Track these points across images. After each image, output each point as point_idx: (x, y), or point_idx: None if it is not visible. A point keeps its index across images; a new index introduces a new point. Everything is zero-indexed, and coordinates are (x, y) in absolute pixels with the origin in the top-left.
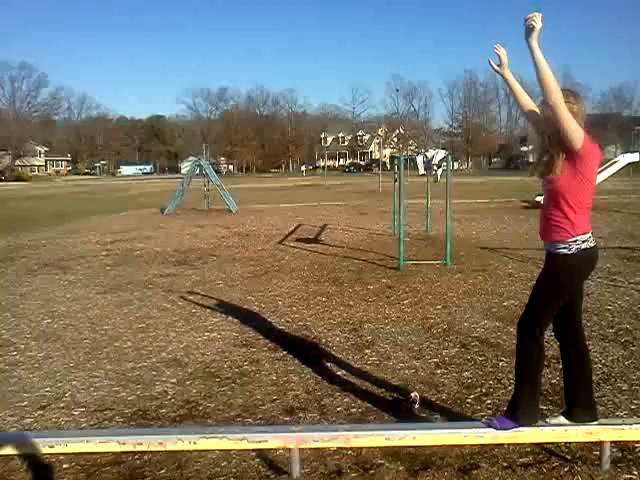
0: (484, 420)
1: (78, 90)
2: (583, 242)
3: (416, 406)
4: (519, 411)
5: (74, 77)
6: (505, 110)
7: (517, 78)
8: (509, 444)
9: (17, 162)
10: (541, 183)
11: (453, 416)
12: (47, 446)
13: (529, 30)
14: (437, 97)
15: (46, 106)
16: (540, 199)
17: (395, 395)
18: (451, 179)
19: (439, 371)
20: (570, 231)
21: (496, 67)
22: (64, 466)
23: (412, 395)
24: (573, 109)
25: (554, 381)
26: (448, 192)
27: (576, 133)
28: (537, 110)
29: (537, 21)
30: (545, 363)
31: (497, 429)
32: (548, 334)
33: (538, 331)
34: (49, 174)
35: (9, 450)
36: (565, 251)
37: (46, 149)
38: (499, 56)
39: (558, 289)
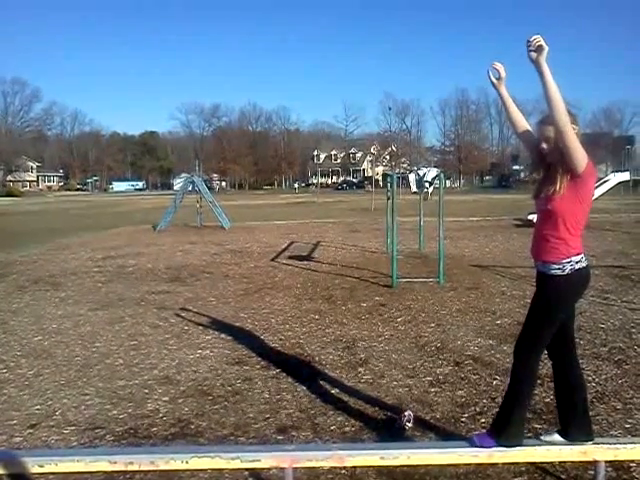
0: (469, 438)
1: (71, 105)
2: (577, 263)
3: (410, 425)
4: (506, 431)
5: (67, 93)
6: (497, 128)
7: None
8: (503, 463)
9: (9, 177)
10: (534, 202)
11: (447, 435)
12: (37, 465)
13: (539, 50)
14: (429, 115)
15: (39, 121)
16: (532, 217)
17: (389, 414)
18: (443, 197)
19: (433, 389)
20: (565, 252)
21: (494, 80)
22: None
23: (406, 414)
24: (575, 131)
25: (548, 400)
26: (441, 210)
27: (582, 155)
28: (530, 129)
29: (543, 42)
30: (539, 382)
31: (476, 446)
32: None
33: (534, 355)
34: (41, 189)
35: None
36: (559, 272)
37: (38, 164)
38: (498, 70)
39: (553, 311)
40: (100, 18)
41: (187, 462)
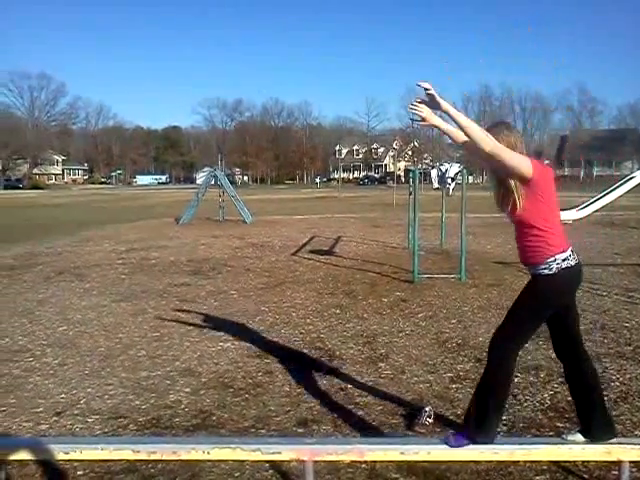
0: (442, 438)
1: (95, 100)
2: (563, 261)
3: (430, 421)
4: (482, 427)
5: (92, 87)
6: (520, 124)
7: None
8: (525, 462)
9: (35, 170)
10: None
11: None
12: (62, 452)
13: (433, 99)
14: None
15: (64, 115)
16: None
17: (409, 409)
18: (466, 193)
19: (454, 386)
20: (547, 252)
21: (423, 123)
22: (78, 473)
23: (426, 409)
24: (510, 141)
25: (570, 398)
26: (463, 206)
27: (523, 164)
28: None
29: (430, 87)
30: (561, 380)
31: (452, 446)
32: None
33: (514, 350)
34: (66, 182)
35: (25, 455)
36: (546, 271)
37: (63, 158)
38: (418, 112)
39: (539, 309)
40: (124, 13)
41: (208, 453)
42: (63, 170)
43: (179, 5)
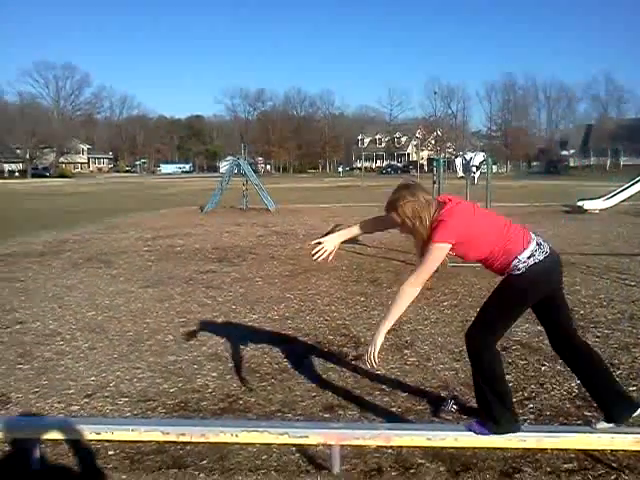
0: (465, 424)
1: (120, 90)
2: (529, 258)
3: (456, 408)
4: (495, 421)
5: (116, 77)
6: (545, 113)
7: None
8: (552, 449)
9: (61, 159)
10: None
11: None
12: (94, 433)
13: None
14: (475, 100)
15: (89, 105)
16: (582, 204)
17: (435, 396)
18: (490, 182)
19: None
20: (512, 260)
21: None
22: (109, 452)
23: (452, 397)
24: (414, 207)
25: None
26: (488, 195)
27: (442, 256)
28: (373, 221)
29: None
30: None
31: (477, 433)
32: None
33: (492, 341)
34: (91, 171)
35: (58, 435)
36: (516, 272)
37: (89, 147)
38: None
39: (510, 305)
40: (148, 3)
41: (237, 436)
42: (89, 159)
43: None
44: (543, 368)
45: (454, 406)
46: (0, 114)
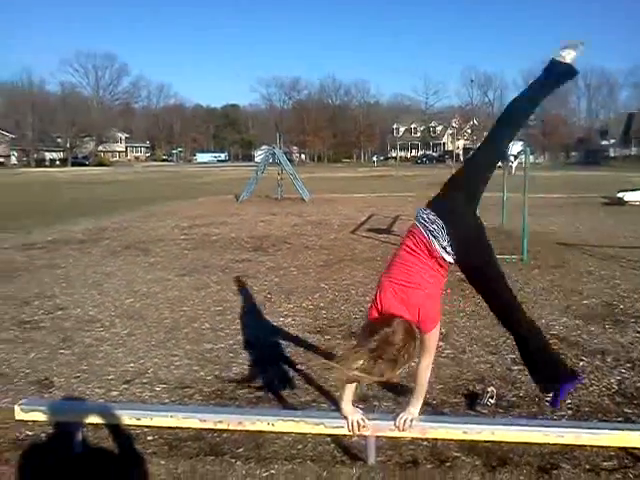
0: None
1: (157, 79)
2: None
3: (492, 401)
4: (565, 371)
5: (153, 67)
6: (584, 102)
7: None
8: (591, 446)
9: (100, 148)
10: None
11: (531, 415)
12: (134, 418)
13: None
14: (512, 88)
15: (127, 94)
16: (622, 195)
17: (470, 389)
18: (528, 172)
19: (516, 367)
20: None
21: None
22: (148, 438)
23: (489, 390)
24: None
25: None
26: (526, 185)
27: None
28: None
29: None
30: (629, 365)
31: (557, 406)
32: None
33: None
34: (129, 160)
35: (99, 419)
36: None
37: (126, 136)
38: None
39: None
40: None
41: (273, 424)
42: (126, 148)
43: None
44: (581, 363)
45: (490, 399)
46: (42, 104)
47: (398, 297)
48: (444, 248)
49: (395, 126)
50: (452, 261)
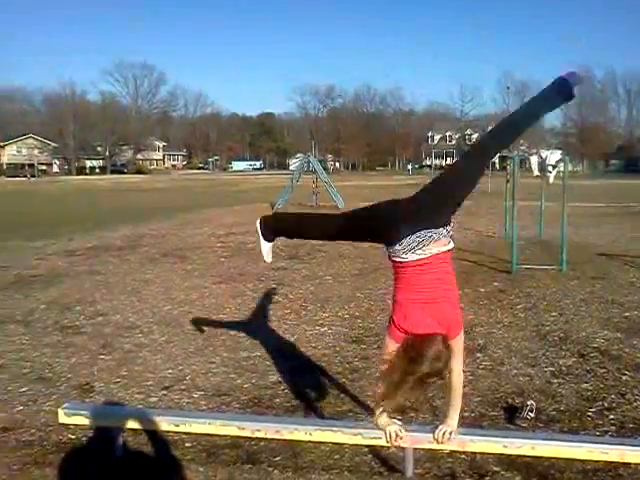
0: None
1: (194, 88)
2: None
3: (532, 415)
4: None
5: (191, 76)
6: (625, 109)
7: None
8: (637, 464)
9: (138, 156)
10: None
11: (572, 429)
12: (173, 424)
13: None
14: None
15: (165, 103)
16: None
17: (509, 402)
18: (567, 181)
19: (555, 381)
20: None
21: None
22: (187, 444)
23: (528, 403)
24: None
25: None
26: (564, 194)
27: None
28: None
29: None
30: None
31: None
32: None
33: None
34: (166, 168)
35: (139, 424)
36: None
37: (164, 144)
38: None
39: None
40: (220, 4)
41: (310, 434)
42: (164, 156)
43: None
44: (624, 377)
45: (530, 413)
46: (84, 113)
47: (426, 313)
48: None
49: (430, 134)
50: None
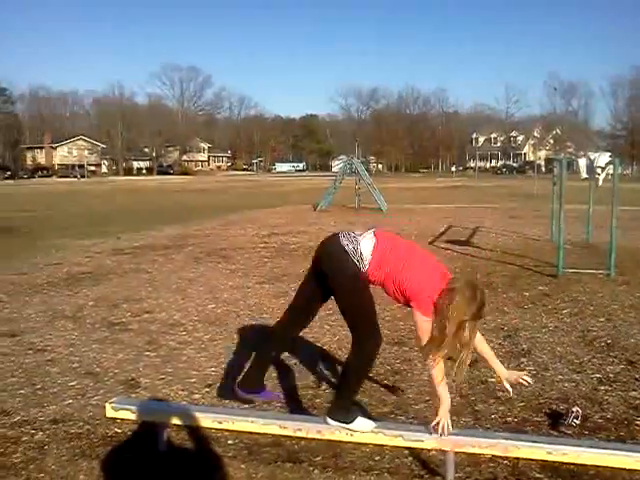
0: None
1: (238, 90)
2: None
3: (577, 422)
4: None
5: (236, 78)
6: None
7: None
8: None
9: (184, 157)
10: None
11: (619, 438)
12: (216, 421)
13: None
14: (599, 96)
15: (210, 105)
16: None
17: (554, 408)
18: (617, 184)
19: (602, 388)
20: None
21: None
22: (229, 442)
23: (574, 410)
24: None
25: None
26: (615, 197)
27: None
28: None
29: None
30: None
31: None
32: None
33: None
34: (211, 169)
35: (183, 421)
36: None
37: (209, 145)
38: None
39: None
40: (265, 7)
41: (352, 435)
42: (209, 157)
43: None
44: None
45: (575, 420)
46: (131, 115)
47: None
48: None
49: (474, 136)
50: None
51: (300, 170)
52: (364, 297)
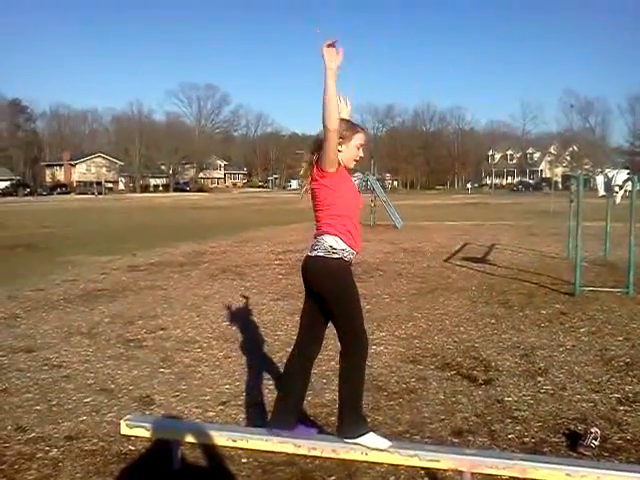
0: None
1: (255, 108)
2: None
3: (596, 443)
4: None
5: (252, 95)
6: None
7: None
8: None
9: (200, 174)
10: None
11: (639, 460)
12: (230, 440)
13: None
14: (616, 113)
15: (227, 123)
16: None
17: (572, 429)
18: (636, 201)
19: (622, 408)
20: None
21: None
22: (243, 460)
23: (592, 431)
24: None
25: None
26: (632, 214)
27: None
28: None
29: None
30: None
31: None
32: None
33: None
34: (227, 186)
35: (197, 439)
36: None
37: (225, 163)
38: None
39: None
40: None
41: (366, 454)
42: (225, 174)
43: (329, 9)
44: None
45: (594, 441)
46: (149, 132)
47: None
48: None
49: (490, 152)
50: None
51: None
52: (353, 303)
